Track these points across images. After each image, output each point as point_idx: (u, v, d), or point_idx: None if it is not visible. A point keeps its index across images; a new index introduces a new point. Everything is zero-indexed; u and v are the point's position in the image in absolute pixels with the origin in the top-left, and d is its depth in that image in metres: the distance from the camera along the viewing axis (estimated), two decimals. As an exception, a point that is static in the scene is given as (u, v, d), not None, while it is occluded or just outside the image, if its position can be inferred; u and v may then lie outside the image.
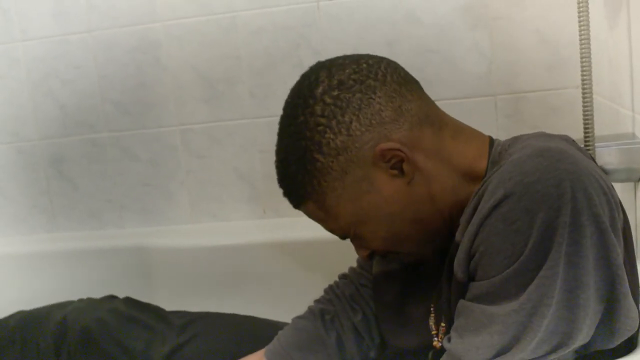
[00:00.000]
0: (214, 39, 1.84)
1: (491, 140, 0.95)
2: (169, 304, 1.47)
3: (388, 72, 0.91)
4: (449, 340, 0.84)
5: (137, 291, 1.84)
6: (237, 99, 1.86)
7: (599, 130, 1.24)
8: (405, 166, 0.88)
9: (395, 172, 0.88)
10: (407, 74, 0.95)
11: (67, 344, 1.25)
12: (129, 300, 1.36)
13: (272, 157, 1.88)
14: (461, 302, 0.84)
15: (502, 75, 1.71)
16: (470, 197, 0.88)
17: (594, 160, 0.90)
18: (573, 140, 0.92)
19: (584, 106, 1.22)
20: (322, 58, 1.76)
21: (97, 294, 1.44)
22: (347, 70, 0.90)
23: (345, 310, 1.17)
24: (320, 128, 0.88)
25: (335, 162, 0.88)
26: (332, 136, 0.87)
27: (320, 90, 0.89)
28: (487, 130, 1.74)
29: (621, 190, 1.32)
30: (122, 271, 1.85)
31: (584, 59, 1.20)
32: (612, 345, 0.81)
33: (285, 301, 1.49)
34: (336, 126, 0.87)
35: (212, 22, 1.83)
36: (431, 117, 0.92)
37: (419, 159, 0.88)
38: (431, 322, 1.00)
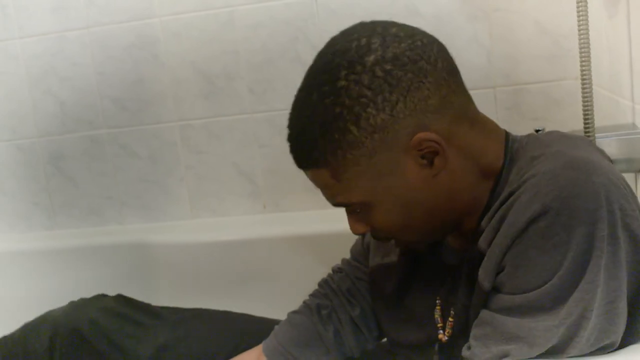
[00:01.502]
0: (212, 34, 1.83)
1: (507, 135, 0.93)
2: (169, 300, 1.47)
3: (440, 57, 0.86)
4: (469, 348, 0.83)
5: (138, 287, 1.84)
6: (236, 94, 1.86)
7: (598, 121, 1.24)
8: (437, 159, 0.85)
9: (424, 162, 0.85)
10: (453, 62, 0.90)
11: (59, 346, 1.24)
12: (120, 298, 1.35)
13: (272, 152, 1.89)
14: (485, 312, 0.83)
15: (501, 66, 1.71)
16: (484, 195, 0.89)
17: (610, 160, 0.90)
18: (590, 141, 0.92)
19: (583, 97, 1.21)
20: (321, 52, 1.77)
21: (98, 291, 1.43)
22: (403, 45, 0.83)
23: (342, 304, 1.16)
24: (364, 100, 0.82)
25: (369, 138, 0.83)
26: (373, 112, 0.82)
27: (372, 59, 0.82)
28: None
29: (622, 181, 1.32)
30: (123, 267, 1.85)
31: (583, 50, 1.20)
32: (633, 343, 0.82)
33: (286, 296, 1.49)
34: (381, 102, 0.82)
35: (210, 17, 1.83)
36: (468, 112, 0.90)
37: (451, 154, 0.85)
38: (437, 315, 0.98)
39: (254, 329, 1.27)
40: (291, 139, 0.90)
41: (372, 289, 1.13)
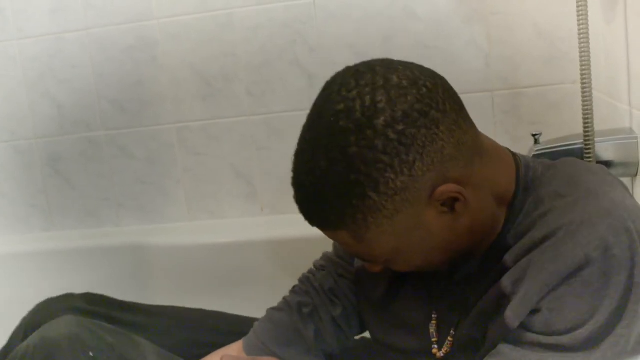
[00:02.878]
0: (211, 36, 1.83)
1: (515, 160, 0.93)
2: (166, 302, 1.47)
3: (446, 98, 0.83)
4: None
5: (135, 289, 1.84)
6: (234, 96, 1.86)
7: (596, 125, 1.24)
8: (457, 205, 0.84)
9: (445, 209, 0.84)
10: (458, 96, 0.87)
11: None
12: (88, 296, 1.33)
13: (270, 154, 1.89)
14: (506, 346, 0.84)
15: (499, 70, 1.71)
16: (500, 221, 0.89)
17: (625, 186, 0.90)
18: (608, 171, 0.92)
19: (583, 102, 1.21)
20: (319, 55, 1.77)
21: (94, 292, 1.43)
22: (410, 98, 0.79)
23: (324, 303, 1.14)
24: (380, 166, 0.78)
25: (389, 201, 0.80)
26: (392, 176, 0.79)
27: (382, 121, 0.78)
28: (485, 126, 1.73)
29: (619, 185, 1.32)
30: (120, 269, 1.85)
31: (583, 54, 1.20)
32: None
33: (283, 299, 1.49)
34: (398, 166, 0.78)
35: (209, 19, 1.83)
36: (478, 145, 0.87)
37: (469, 194, 0.84)
38: (432, 329, 0.98)
39: (230, 326, 1.27)
40: (301, 201, 0.87)
41: (358, 290, 1.12)
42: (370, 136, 0.78)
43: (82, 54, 1.91)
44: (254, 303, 1.56)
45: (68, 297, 1.32)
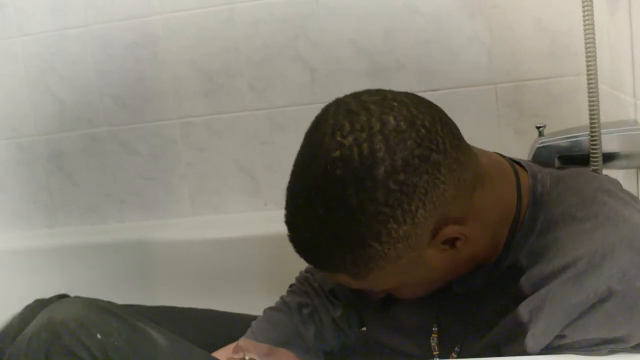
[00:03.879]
0: (212, 31, 1.83)
1: (514, 170, 0.90)
2: (169, 298, 1.47)
3: (446, 135, 0.79)
4: None
5: (138, 285, 1.85)
6: (236, 91, 1.85)
7: (600, 117, 1.23)
8: (458, 243, 0.83)
9: (446, 247, 0.83)
10: (454, 126, 0.83)
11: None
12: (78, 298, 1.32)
13: (273, 149, 1.89)
14: None
15: (501, 63, 1.71)
16: (502, 239, 0.88)
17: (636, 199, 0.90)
18: (621, 186, 0.91)
19: (589, 94, 1.20)
20: (321, 50, 1.77)
21: (98, 289, 1.43)
22: (409, 143, 0.75)
23: (324, 304, 1.14)
24: (382, 218, 0.75)
25: (392, 249, 0.78)
26: (395, 226, 0.76)
27: (381, 171, 0.74)
28: (488, 120, 1.74)
29: (623, 177, 1.32)
30: (123, 265, 1.85)
31: (588, 46, 1.19)
32: None
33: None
34: (401, 216, 0.76)
35: (210, 14, 1.82)
36: (478, 173, 0.84)
37: (470, 229, 0.83)
38: (433, 343, 0.97)
39: (223, 325, 1.26)
40: (298, 244, 0.83)
41: (359, 290, 1.12)
42: (370, 188, 0.75)
43: (83, 50, 1.90)
44: (257, 298, 1.56)
45: (59, 298, 1.32)
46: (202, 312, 1.34)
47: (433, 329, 0.97)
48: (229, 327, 1.24)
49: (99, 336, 1.00)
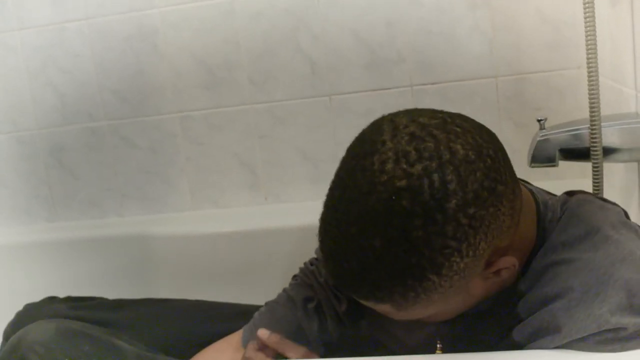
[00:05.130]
0: (212, 24, 1.82)
1: (535, 202, 0.89)
2: (170, 292, 1.47)
3: (505, 163, 0.77)
4: None
5: (138, 279, 1.85)
6: (236, 84, 1.85)
7: (601, 110, 1.23)
8: (504, 271, 0.82)
9: (492, 275, 0.81)
10: (504, 150, 0.80)
11: None
12: (69, 300, 1.32)
13: (273, 143, 1.88)
14: None
15: (503, 56, 1.70)
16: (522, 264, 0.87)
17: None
18: (626, 212, 0.90)
19: (589, 86, 1.20)
20: (322, 42, 1.76)
21: (98, 282, 1.43)
22: (479, 175, 0.73)
23: (329, 299, 1.13)
24: (448, 251, 0.72)
25: (448, 282, 0.75)
26: (458, 259, 0.73)
27: (453, 205, 0.71)
28: (489, 112, 1.73)
29: (624, 170, 1.31)
30: (123, 259, 1.85)
31: (589, 38, 1.19)
32: None
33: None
34: (465, 249, 0.73)
35: (210, 7, 1.82)
36: (522, 203, 0.82)
37: (512, 258, 0.81)
38: (438, 350, 0.97)
39: (213, 315, 1.26)
40: (341, 275, 0.78)
41: None
42: (440, 221, 0.71)
43: (83, 43, 1.90)
44: (258, 292, 1.56)
45: (49, 302, 1.31)
46: (193, 303, 1.34)
47: (438, 345, 0.97)
48: (220, 317, 1.24)
49: None
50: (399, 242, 0.71)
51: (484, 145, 0.75)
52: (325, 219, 0.78)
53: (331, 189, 0.79)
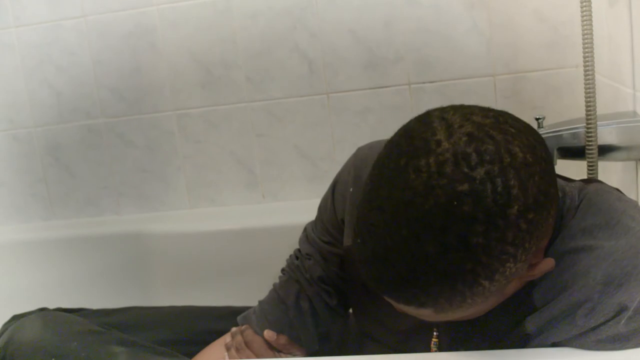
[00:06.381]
0: (210, 22, 1.82)
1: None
2: (167, 290, 1.47)
3: (552, 164, 0.76)
4: None
5: (135, 277, 1.85)
6: (234, 83, 1.85)
7: (599, 108, 1.23)
8: (538, 272, 0.79)
9: (529, 276, 0.80)
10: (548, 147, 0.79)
11: None
12: (59, 310, 1.31)
13: (270, 141, 1.88)
14: None
15: (500, 55, 1.70)
16: None
17: None
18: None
19: (585, 85, 1.20)
20: (319, 41, 1.76)
21: (95, 281, 1.43)
22: (537, 179, 0.71)
23: (319, 294, 1.12)
24: (504, 257, 0.70)
25: (496, 285, 0.72)
26: (512, 265, 0.71)
27: (515, 210, 0.69)
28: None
29: (622, 169, 1.32)
30: (120, 258, 1.85)
31: (585, 36, 1.19)
32: None
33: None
34: (520, 255, 0.71)
35: (208, 5, 1.81)
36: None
37: (553, 260, 0.80)
38: (434, 348, 0.96)
39: (203, 319, 1.27)
40: (387, 280, 0.73)
41: (348, 270, 1.09)
42: (502, 227, 0.68)
43: (80, 41, 1.89)
44: (255, 290, 1.56)
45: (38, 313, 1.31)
46: (181, 309, 1.35)
47: (434, 332, 0.95)
48: (209, 321, 1.24)
49: None
50: (457, 248, 0.68)
51: (537, 146, 0.73)
52: (368, 219, 0.73)
53: (374, 188, 0.74)
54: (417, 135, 0.72)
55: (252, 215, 1.85)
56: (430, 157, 0.69)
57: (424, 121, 0.74)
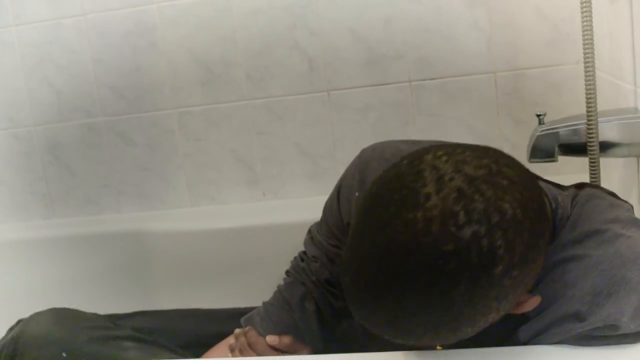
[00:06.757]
0: (210, 21, 1.82)
1: (548, 203, 0.87)
2: (168, 289, 1.47)
3: (546, 210, 0.77)
4: None
5: (136, 276, 1.85)
6: (234, 81, 1.84)
7: (599, 105, 1.22)
8: (522, 309, 0.81)
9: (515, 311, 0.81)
10: (540, 188, 0.80)
11: None
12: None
13: (270, 139, 1.88)
14: None
15: (501, 52, 1.69)
16: None
17: None
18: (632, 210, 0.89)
19: (586, 81, 1.20)
20: (319, 39, 1.76)
21: (96, 279, 1.43)
22: (525, 236, 0.71)
23: (324, 296, 1.13)
24: (486, 310, 0.71)
25: (480, 327, 0.74)
26: (494, 315, 0.73)
27: (499, 270, 0.69)
28: (487, 108, 1.73)
29: (623, 165, 1.31)
30: (121, 256, 1.85)
31: (585, 32, 1.19)
32: None
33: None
34: (503, 306, 0.73)
35: (208, 3, 1.81)
36: None
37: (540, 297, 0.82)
38: (439, 347, 0.97)
39: (208, 322, 1.28)
40: (370, 321, 0.75)
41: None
42: (484, 285, 0.69)
43: (80, 39, 1.89)
44: (256, 288, 1.56)
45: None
46: (185, 313, 1.35)
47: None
48: (214, 324, 1.24)
49: (64, 354, 1.01)
50: (439, 304, 0.69)
51: (529, 197, 0.73)
52: (354, 267, 0.74)
53: (361, 231, 0.74)
54: (407, 184, 0.72)
55: (253, 213, 1.85)
56: (418, 212, 0.69)
57: (415, 166, 0.73)
